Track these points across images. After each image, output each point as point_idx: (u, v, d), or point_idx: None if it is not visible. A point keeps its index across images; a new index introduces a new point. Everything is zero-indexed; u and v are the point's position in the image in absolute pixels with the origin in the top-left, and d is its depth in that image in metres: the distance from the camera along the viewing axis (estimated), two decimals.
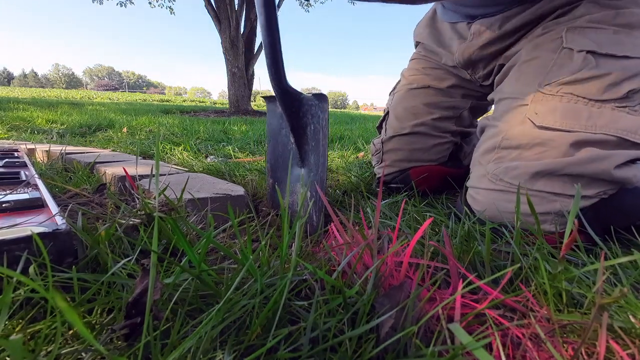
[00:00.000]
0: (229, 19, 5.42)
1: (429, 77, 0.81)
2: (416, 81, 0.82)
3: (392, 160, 0.81)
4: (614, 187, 0.48)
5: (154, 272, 0.24)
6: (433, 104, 0.79)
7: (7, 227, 0.32)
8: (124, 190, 0.66)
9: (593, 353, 0.24)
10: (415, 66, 0.84)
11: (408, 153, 0.79)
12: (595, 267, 0.28)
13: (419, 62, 0.84)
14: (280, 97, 0.56)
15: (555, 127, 0.50)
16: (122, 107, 4.63)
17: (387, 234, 0.38)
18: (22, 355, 0.16)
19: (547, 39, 0.58)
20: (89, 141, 1.55)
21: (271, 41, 0.52)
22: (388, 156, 0.82)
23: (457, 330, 0.20)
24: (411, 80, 0.83)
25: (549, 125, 0.51)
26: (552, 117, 0.51)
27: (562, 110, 0.51)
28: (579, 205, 0.47)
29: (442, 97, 0.79)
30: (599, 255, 0.44)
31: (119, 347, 0.25)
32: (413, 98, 0.81)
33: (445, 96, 0.79)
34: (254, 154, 1.31)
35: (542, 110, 0.52)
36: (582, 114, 0.49)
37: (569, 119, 0.50)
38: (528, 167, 0.50)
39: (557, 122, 0.50)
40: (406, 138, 0.80)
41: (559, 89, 0.52)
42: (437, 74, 0.80)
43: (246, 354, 0.23)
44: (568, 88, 0.51)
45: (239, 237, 0.32)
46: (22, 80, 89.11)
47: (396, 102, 0.84)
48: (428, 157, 0.80)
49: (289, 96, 0.56)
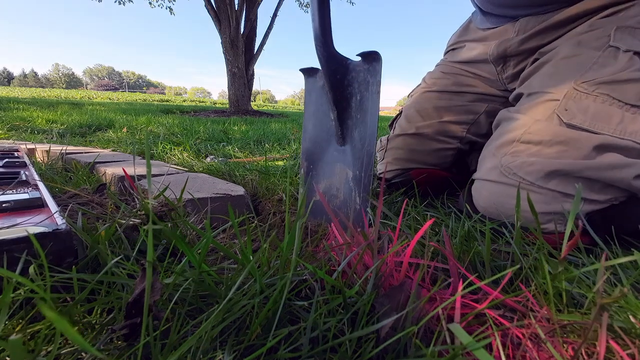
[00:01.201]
0: (229, 19, 5.41)
1: (448, 81, 0.80)
2: (435, 85, 0.81)
3: (393, 158, 0.81)
4: (625, 195, 0.47)
5: (151, 274, 0.24)
6: (444, 108, 0.78)
7: (7, 227, 0.32)
8: (124, 190, 0.66)
9: (593, 353, 0.24)
10: (437, 70, 0.84)
11: (408, 153, 0.79)
12: (595, 267, 0.28)
13: (442, 67, 0.83)
14: (325, 63, 0.49)
15: (583, 126, 0.49)
16: (122, 107, 4.63)
17: (387, 234, 0.38)
18: (21, 355, 0.16)
19: (592, 36, 0.55)
20: (89, 141, 1.55)
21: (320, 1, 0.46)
22: (389, 153, 0.82)
23: (457, 330, 0.20)
24: (430, 84, 0.82)
25: (577, 124, 0.49)
26: (583, 116, 0.49)
27: (595, 110, 0.49)
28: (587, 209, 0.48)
29: (456, 100, 0.78)
30: (599, 255, 0.44)
31: (118, 347, 0.25)
32: (425, 101, 0.80)
33: (460, 99, 0.78)
34: (254, 154, 1.31)
35: (573, 108, 0.50)
36: (614, 117, 0.48)
37: (599, 121, 0.48)
38: (545, 165, 0.48)
39: (587, 122, 0.49)
40: (409, 138, 0.79)
41: (595, 88, 0.50)
42: (457, 78, 0.79)
43: (246, 354, 0.23)
44: (605, 88, 0.49)
45: (239, 237, 0.32)
46: (22, 80, 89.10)
47: (410, 103, 0.84)
48: (429, 160, 0.79)
49: (334, 62, 0.50)
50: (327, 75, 0.50)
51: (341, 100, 0.51)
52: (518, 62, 0.68)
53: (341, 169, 0.53)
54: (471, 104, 0.77)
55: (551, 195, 0.48)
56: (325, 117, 0.56)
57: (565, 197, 0.48)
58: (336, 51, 0.50)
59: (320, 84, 0.57)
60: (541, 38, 0.63)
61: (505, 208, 0.51)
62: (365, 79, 0.49)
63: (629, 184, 0.45)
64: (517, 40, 0.65)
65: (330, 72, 0.50)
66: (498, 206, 0.52)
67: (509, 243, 0.43)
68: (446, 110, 0.77)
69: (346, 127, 0.53)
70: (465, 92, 0.77)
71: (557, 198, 0.48)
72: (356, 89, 0.51)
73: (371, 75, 0.49)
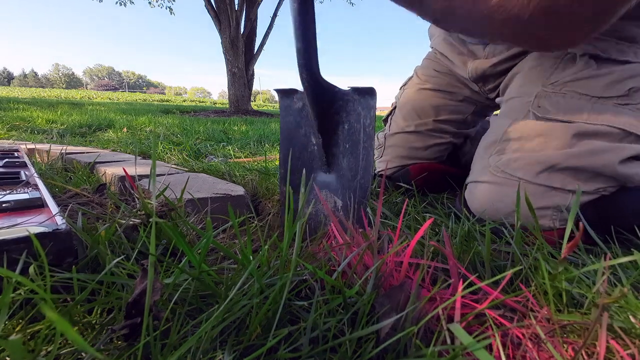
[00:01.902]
0: (229, 19, 5.42)
1: (441, 81, 0.82)
2: (429, 82, 0.83)
3: (392, 156, 0.83)
4: (614, 184, 0.48)
5: (152, 274, 0.24)
6: (440, 106, 0.81)
7: (7, 227, 0.32)
8: (124, 190, 0.66)
9: (593, 353, 0.24)
10: (429, 66, 0.86)
11: (407, 150, 0.82)
12: (595, 267, 0.28)
13: (434, 64, 0.85)
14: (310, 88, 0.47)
15: (557, 118, 0.51)
16: (122, 107, 4.63)
17: (387, 234, 0.38)
18: (21, 355, 0.16)
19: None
20: (89, 141, 1.55)
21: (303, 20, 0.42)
22: (388, 151, 0.84)
23: (457, 330, 0.20)
24: (424, 80, 0.84)
25: (552, 117, 0.52)
26: (555, 110, 0.52)
27: (565, 104, 0.52)
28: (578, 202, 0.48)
29: (449, 101, 0.81)
30: (599, 255, 0.44)
31: (118, 347, 0.25)
32: (423, 99, 0.82)
33: (453, 100, 0.81)
34: (254, 154, 1.31)
35: (545, 104, 0.53)
36: (584, 108, 0.50)
37: (571, 112, 0.51)
38: (530, 159, 0.50)
39: (559, 114, 0.51)
40: (408, 136, 0.82)
41: (562, 87, 0.53)
42: (449, 80, 0.82)
43: (246, 354, 0.23)
44: (571, 86, 0.52)
45: (239, 237, 0.32)
46: (22, 80, 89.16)
47: (405, 99, 0.85)
48: (426, 155, 0.82)
49: (319, 87, 0.47)
50: (312, 100, 0.48)
51: (327, 127, 0.50)
52: (496, 79, 0.72)
53: (328, 196, 0.52)
54: (461, 104, 0.81)
55: (541, 190, 0.49)
56: (306, 141, 0.54)
57: (555, 190, 0.49)
58: (322, 77, 0.47)
59: (298, 106, 0.54)
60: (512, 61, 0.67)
61: (498, 207, 0.52)
62: (355, 110, 0.48)
63: (614, 170, 0.46)
64: (491, 64, 0.70)
65: (315, 98, 0.48)
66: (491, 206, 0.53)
67: (509, 243, 0.43)
68: (442, 108, 0.81)
69: (332, 155, 0.51)
70: (456, 92, 0.81)
71: (547, 192, 0.49)
72: (344, 118, 0.49)
73: (363, 108, 0.47)
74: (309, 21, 0.43)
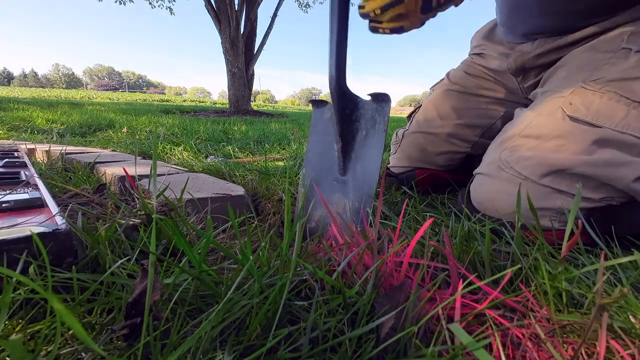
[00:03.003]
0: (229, 19, 5.42)
1: (471, 83, 0.79)
2: (457, 84, 0.81)
3: (404, 155, 0.83)
4: (622, 196, 0.46)
5: (152, 273, 0.24)
6: (463, 109, 0.78)
7: (7, 227, 0.32)
8: (124, 190, 0.66)
9: (593, 353, 0.24)
10: (461, 69, 0.84)
11: (419, 152, 0.80)
12: (595, 268, 0.28)
13: (466, 67, 0.83)
14: (337, 99, 0.53)
15: (585, 119, 0.48)
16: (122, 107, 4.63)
17: (387, 234, 0.38)
18: (21, 355, 0.16)
19: (606, 41, 0.55)
20: (89, 141, 1.55)
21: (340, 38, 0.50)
22: (401, 149, 0.84)
23: (457, 330, 0.20)
24: (453, 82, 0.82)
25: (579, 117, 0.48)
26: (586, 110, 0.48)
27: (599, 105, 0.48)
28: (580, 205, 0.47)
29: (475, 102, 0.78)
30: (599, 255, 0.44)
31: (118, 347, 0.25)
32: (445, 100, 0.80)
33: (479, 102, 0.78)
34: (254, 154, 1.31)
35: (577, 102, 0.50)
36: (618, 112, 0.47)
37: (603, 115, 0.47)
38: (540, 160, 0.48)
39: (589, 115, 0.48)
40: (422, 137, 0.80)
41: (603, 86, 0.49)
42: (481, 81, 0.79)
43: (246, 354, 0.23)
44: (613, 86, 0.48)
45: (239, 237, 0.32)
46: (22, 80, 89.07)
47: (430, 99, 0.84)
48: (437, 162, 0.80)
49: (345, 98, 0.53)
50: (337, 109, 0.53)
51: (347, 134, 0.54)
52: (538, 73, 0.68)
53: (340, 198, 0.54)
54: (489, 109, 0.77)
55: (544, 191, 0.48)
56: (329, 147, 0.58)
57: (559, 193, 0.47)
58: (348, 89, 0.53)
59: (327, 116, 0.60)
60: (557, 53, 0.63)
61: (498, 202, 0.51)
62: (373, 117, 0.53)
63: (627, 186, 0.44)
64: (534, 55, 0.66)
65: (340, 107, 0.53)
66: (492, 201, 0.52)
67: (509, 243, 0.43)
68: (464, 111, 0.78)
69: (349, 159, 0.55)
70: (485, 95, 0.77)
71: (550, 194, 0.48)
72: (362, 125, 0.54)
73: (379, 114, 0.52)
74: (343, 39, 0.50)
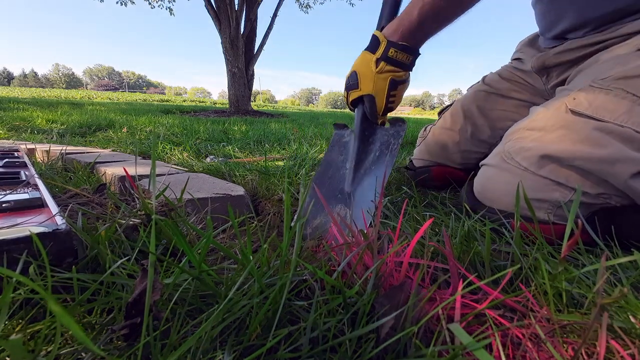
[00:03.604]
0: (229, 19, 5.41)
1: (502, 85, 0.81)
2: (488, 85, 0.83)
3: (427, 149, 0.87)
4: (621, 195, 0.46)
5: (152, 273, 0.24)
6: (489, 110, 0.80)
7: (7, 227, 0.32)
8: (124, 190, 0.66)
9: (593, 353, 0.24)
10: (497, 72, 0.86)
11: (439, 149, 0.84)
12: (595, 267, 0.28)
13: (502, 71, 0.85)
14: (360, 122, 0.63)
15: (586, 113, 0.48)
16: (122, 107, 4.63)
17: (387, 234, 0.38)
18: (21, 355, 0.16)
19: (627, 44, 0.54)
20: (89, 141, 1.55)
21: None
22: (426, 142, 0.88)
23: (457, 330, 0.20)
24: (486, 83, 0.85)
25: (580, 111, 0.48)
26: (588, 104, 0.48)
27: (603, 100, 0.48)
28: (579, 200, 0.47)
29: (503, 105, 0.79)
30: (599, 255, 0.44)
31: (118, 347, 0.25)
32: (474, 100, 0.83)
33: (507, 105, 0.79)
34: (254, 154, 1.31)
35: (581, 97, 0.50)
36: (621, 107, 0.46)
37: (605, 109, 0.47)
38: (539, 149, 0.49)
39: (590, 109, 0.48)
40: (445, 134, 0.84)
41: (611, 84, 0.49)
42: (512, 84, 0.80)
43: (246, 354, 0.23)
44: (621, 83, 0.48)
45: (239, 237, 0.32)
46: (22, 80, 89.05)
47: (460, 99, 0.88)
48: (456, 159, 0.83)
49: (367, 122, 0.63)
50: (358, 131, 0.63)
51: (361, 153, 0.61)
52: (560, 72, 0.68)
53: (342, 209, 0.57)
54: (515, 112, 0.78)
55: (543, 183, 0.48)
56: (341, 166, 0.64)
57: (557, 185, 0.48)
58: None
59: (345, 140, 0.68)
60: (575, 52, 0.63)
61: (496, 193, 0.53)
62: (388, 140, 0.59)
63: (624, 182, 0.44)
64: (553, 54, 0.67)
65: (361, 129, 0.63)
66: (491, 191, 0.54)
67: (509, 243, 0.43)
68: (489, 112, 0.80)
69: (358, 174, 0.59)
70: (514, 97, 0.79)
71: (548, 186, 0.48)
72: (377, 147, 0.60)
73: (394, 138, 0.59)
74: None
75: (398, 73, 0.61)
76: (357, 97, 0.64)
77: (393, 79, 0.61)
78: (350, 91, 0.65)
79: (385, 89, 0.61)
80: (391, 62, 0.59)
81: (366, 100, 0.62)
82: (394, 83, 0.61)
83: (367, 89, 0.61)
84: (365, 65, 0.61)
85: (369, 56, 0.61)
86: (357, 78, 0.63)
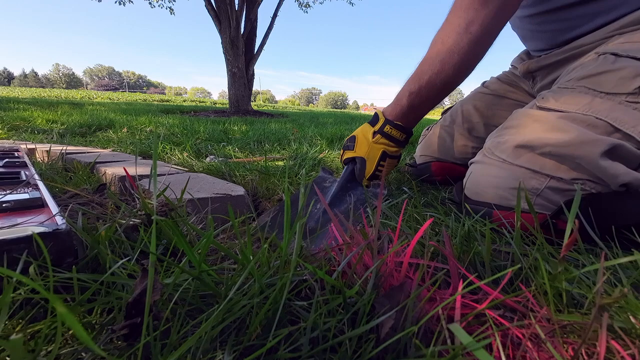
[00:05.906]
0: (229, 19, 5.41)
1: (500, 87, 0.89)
2: (487, 87, 0.91)
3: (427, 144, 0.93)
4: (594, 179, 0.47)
5: (152, 273, 0.24)
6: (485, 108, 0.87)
7: (7, 227, 0.32)
8: (124, 190, 0.66)
9: (593, 353, 0.24)
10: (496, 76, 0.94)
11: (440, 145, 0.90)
12: (595, 268, 0.28)
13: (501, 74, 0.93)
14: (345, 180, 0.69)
15: (553, 107, 0.53)
16: (122, 107, 4.63)
17: (387, 234, 0.38)
18: (22, 355, 0.16)
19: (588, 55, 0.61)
20: (89, 141, 1.55)
21: None
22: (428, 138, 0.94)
23: (457, 330, 0.20)
24: (485, 85, 0.93)
25: (548, 107, 0.54)
26: (555, 101, 0.54)
27: (568, 97, 0.53)
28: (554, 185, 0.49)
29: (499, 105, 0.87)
30: (599, 255, 0.44)
31: (118, 347, 0.25)
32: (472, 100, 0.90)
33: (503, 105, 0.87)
34: (254, 154, 1.31)
35: (548, 96, 0.56)
36: (583, 100, 0.51)
37: (569, 103, 0.52)
38: (513, 141, 0.53)
39: (557, 104, 0.53)
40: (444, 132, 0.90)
41: (575, 83, 0.55)
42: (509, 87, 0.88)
43: (246, 354, 0.23)
44: (583, 82, 0.54)
45: (239, 237, 0.32)
46: (22, 80, 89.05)
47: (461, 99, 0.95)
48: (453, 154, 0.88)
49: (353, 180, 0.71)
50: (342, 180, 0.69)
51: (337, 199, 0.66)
52: (543, 77, 0.77)
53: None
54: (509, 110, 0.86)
55: (520, 172, 0.51)
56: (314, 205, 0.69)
57: (533, 173, 0.50)
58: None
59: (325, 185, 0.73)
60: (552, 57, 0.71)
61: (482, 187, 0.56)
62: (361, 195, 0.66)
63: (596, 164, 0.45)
64: (535, 61, 0.76)
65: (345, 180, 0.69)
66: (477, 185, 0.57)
67: (509, 243, 0.43)
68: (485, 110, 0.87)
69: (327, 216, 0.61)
70: (510, 98, 0.87)
71: (525, 174, 0.51)
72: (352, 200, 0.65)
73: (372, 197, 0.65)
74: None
75: (391, 148, 0.70)
76: (351, 157, 0.72)
77: (385, 150, 0.70)
78: (346, 151, 0.74)
79: (377, 157, 0.69)
80: (386, 136, 0.69)
81: (358, 161, 0.70)
82: (385, 154, 0.70)
83: (361, 153, 0.70)
84: (364, 134, 0.71)
85: (368, 127, 0.72)
86: (354, 141, 0.72)
